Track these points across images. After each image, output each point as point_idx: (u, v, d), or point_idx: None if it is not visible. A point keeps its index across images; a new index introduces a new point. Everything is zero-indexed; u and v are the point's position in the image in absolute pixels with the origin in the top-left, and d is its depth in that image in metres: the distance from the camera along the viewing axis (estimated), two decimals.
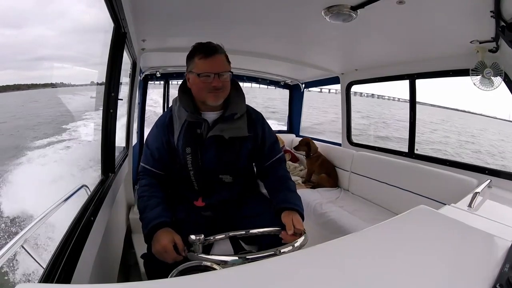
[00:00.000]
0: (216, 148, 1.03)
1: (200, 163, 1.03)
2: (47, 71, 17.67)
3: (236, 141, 1.04)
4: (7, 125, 9.76)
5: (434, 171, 1.83)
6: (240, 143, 1.05)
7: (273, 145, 1.15)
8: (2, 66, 16.09)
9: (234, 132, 1.02)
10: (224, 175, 1.07)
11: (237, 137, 1.03)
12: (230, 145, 1.03)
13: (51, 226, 1.10)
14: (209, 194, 1.09)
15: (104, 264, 1.07)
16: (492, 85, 1.56)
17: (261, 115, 1.17)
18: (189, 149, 1.02)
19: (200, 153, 1.03)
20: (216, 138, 1.02)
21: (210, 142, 1.02)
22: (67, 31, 30.56)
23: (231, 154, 1.05)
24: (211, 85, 0.97)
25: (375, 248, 0.63)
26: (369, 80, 2.57)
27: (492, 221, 0.95)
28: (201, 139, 1.03)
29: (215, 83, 0.97)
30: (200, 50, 0.99)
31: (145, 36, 1.80)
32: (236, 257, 0.71)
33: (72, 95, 12.39)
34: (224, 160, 1.04)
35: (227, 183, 1.08)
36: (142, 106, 2.80)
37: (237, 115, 1.04)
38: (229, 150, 1.04)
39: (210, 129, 1.02)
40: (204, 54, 0.98)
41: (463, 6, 1.20)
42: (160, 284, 0.52)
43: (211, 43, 1.00)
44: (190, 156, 1.02)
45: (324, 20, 1.39)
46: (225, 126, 1.02)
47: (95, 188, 1.13)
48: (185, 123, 1.03)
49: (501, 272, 0.53)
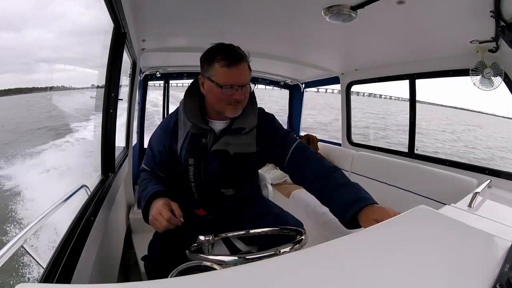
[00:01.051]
0: (219, 161, 0.97)
1: (202, 175, 0.98)
2: (58, 73, 17.86)
3: (242, 156, 0.97)
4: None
5: (434, 171, 1.83)
6: (245, 158, 0.99)
7: (283, 137, 1.02)
8: (6, 68, 16.23)
9: (240, 148, 0.95)
10: (226, 189, 1.03)
11: (243, 153, 0.96)
12: (234, 159, 0.96)
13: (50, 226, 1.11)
14: (210, 204, 1.06)
15: (104, 264, 1.07)
16: (492, 85, 1.56)
17: (272, 116, 1.08)
18: (192, 160, 0.96)
19: (203, 165, 0.97)
20: (221, 151, 0.95)
21: (214, 154, 0.96)
22: (71, 33, 30.50)
23: (235, 169, 0.99)
24: (233, 98, 0.88)
25: (375, 248, 0.63)
26: (369, 80, 2.57)
27: (492, 221, 0.95)
28: (205, 150, 0.97)
29: (237, 95, 0.88)
30: (224, 55, 0.87)
31: (145, 36, 1.81)
32: (236, 257, 0.71)
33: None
34: (227, 175, 0.99)
35: (229, 196, 1.04)
36: (142, 106, 2.80)
37: (245, 130, 0.96)
38: (233, 165, 0.98)
39: (216, 141, 0.96)
40: (229, 61, 0.86)
41: (463, 6, 1.20)
42: (160, 284, 0.52)
43: (235, 48, 0.90)
44: (192, 168, 0.97)
45: (324, 20, 1.39)
46: (232, 140, 0.95)
47: (95, 188, 1.13)
48: (190, 132, 0.96)
49: (501, 272, 0.53)
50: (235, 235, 0.89)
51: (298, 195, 2.41)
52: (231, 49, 0.88)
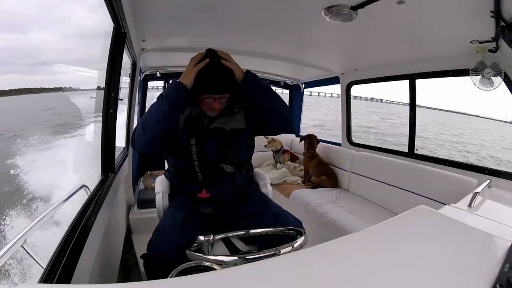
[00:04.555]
0: (216, 139, 1.10)
1: (204, 153, 1.09)
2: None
3: (235, 133, 1.12)
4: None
5: (434, 171, 1.83)
6: (238, 135, 1.13)
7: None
8: (10, 69, 16.40)
9: (233, 124, 1.11)
10: (225, 165, 1.11)
11: (236, 129, 1.12)
12: (229, 136, 1.11)
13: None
14: (212, 185, 1.13)
15: (104, 264, 1.07)
16: (492, 85, 1.56)
17: None
18: (193, 140, 1.08)
19: (203, 144, 1.09)
20: (217, 130, 1.10)
21: (211, 134, 1.09)
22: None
23: (231, 145, 1.12)
24: (212, 105, 1.04)
25: (375, 248, 0.63)
26: (369, 80, 2.57)
27: (492, 221, 0.94)
28: (203, 131, 1.10)
29: (215, 105, 1.04)
30: (205, 88, 1.03)
31: (145, 36, 1.81)
32: (236, 257, 0.71)
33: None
34: (225, 150, 1.11)
35: (229, 173, 1.12)
36: (142, 106, 2.80)
37: (236, 109, 1.12)
38: (229, 141, 1.11)
39: (211, 122, 1.09)
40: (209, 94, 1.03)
41: (463, 6, 1.20)
42: (160, 284, 0.52)
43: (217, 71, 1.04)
44: (194, 147, 1.08)
45: (324, 20, 1.39)
46: (226, 119, 1.11)
47: (95, 188, 1.13)
48: (189, 116, 1.09)
49: (501, 272, 0.53)
50: (235, 235, 0.89)
51: (298, 195, 2.41)
52: (213, 78, 1.02)
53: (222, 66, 1.03)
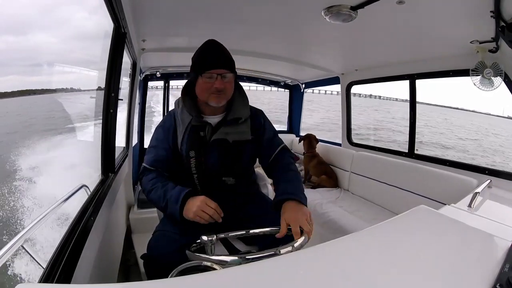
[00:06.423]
0: (219, 151, 1.03)
1: (203, 166, 1.03)
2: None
3: (239, 144, 1.04)
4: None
5: (434, 171, 1.83)
6: (243, 146, 1.05)
7: (272, 138, 1.13)
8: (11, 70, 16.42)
9: (238, 136, 1.03)
10: (227, 178, 1.06)
11: (241, 140, 1.04)
12: (233, 148, 1.03)
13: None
14: (212, 197, 1.06)
15: (104, 264, 1.07)
16: (492, 85, 1.56)
17: (261, 111, 1.18)
18: (192, 152, 1.02)
19: (203, 156, 1.02)
20: (220, 141, 1.02)
21: (213, 145, 1.02)
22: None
23: (234, 157, 1.05)
24: (214, 87, 0.97)
25: (375, 248, 0.63)
26: (369, 80, 2.57)
27: (492, 221, 0.94)
28: (204, 142, 1.03)
29: (217, 84, 0.96)
30: (201, 50, 1.01)
31: (145, 36, 1.81)
32: (236, 257, 0.71)
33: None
34: (227, 163, 1.04)
35: (230, 185, 1.07)
36: (142, 106, 2.80)
37: (241, 120, 1.05)
38: (232, 153, 1.04)
39: (214, 132, 1.02)
40: (205, 47, 1.00)
41: (463, 6, 1.20)
42: (160, 284, 0.52)
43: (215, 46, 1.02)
44: (194, 160, 1.02)
45: (324, 20, 1.39)
46: (229, 130, 1.03)
47: (95, 188, 1.13)
48: (189, 126, 1.03)
49: (501, 272, 0.53)
50: (235, 235, 0.89)
51: None
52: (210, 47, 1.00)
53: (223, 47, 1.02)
